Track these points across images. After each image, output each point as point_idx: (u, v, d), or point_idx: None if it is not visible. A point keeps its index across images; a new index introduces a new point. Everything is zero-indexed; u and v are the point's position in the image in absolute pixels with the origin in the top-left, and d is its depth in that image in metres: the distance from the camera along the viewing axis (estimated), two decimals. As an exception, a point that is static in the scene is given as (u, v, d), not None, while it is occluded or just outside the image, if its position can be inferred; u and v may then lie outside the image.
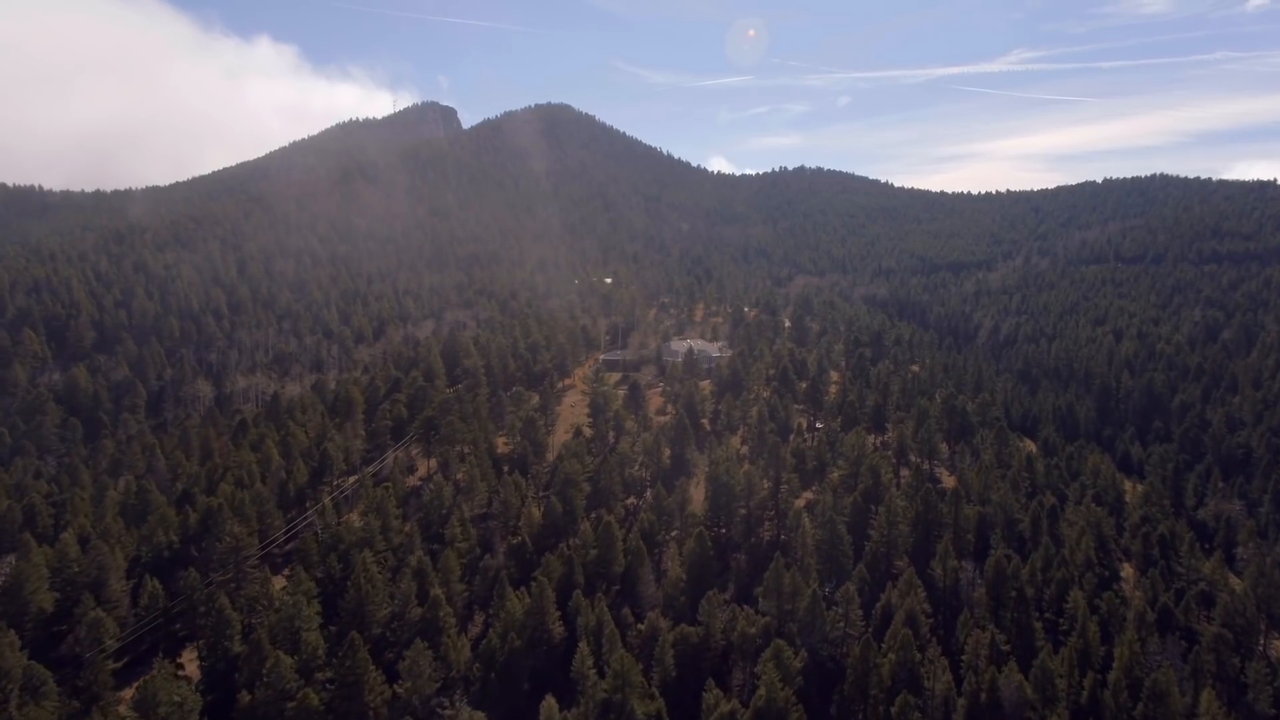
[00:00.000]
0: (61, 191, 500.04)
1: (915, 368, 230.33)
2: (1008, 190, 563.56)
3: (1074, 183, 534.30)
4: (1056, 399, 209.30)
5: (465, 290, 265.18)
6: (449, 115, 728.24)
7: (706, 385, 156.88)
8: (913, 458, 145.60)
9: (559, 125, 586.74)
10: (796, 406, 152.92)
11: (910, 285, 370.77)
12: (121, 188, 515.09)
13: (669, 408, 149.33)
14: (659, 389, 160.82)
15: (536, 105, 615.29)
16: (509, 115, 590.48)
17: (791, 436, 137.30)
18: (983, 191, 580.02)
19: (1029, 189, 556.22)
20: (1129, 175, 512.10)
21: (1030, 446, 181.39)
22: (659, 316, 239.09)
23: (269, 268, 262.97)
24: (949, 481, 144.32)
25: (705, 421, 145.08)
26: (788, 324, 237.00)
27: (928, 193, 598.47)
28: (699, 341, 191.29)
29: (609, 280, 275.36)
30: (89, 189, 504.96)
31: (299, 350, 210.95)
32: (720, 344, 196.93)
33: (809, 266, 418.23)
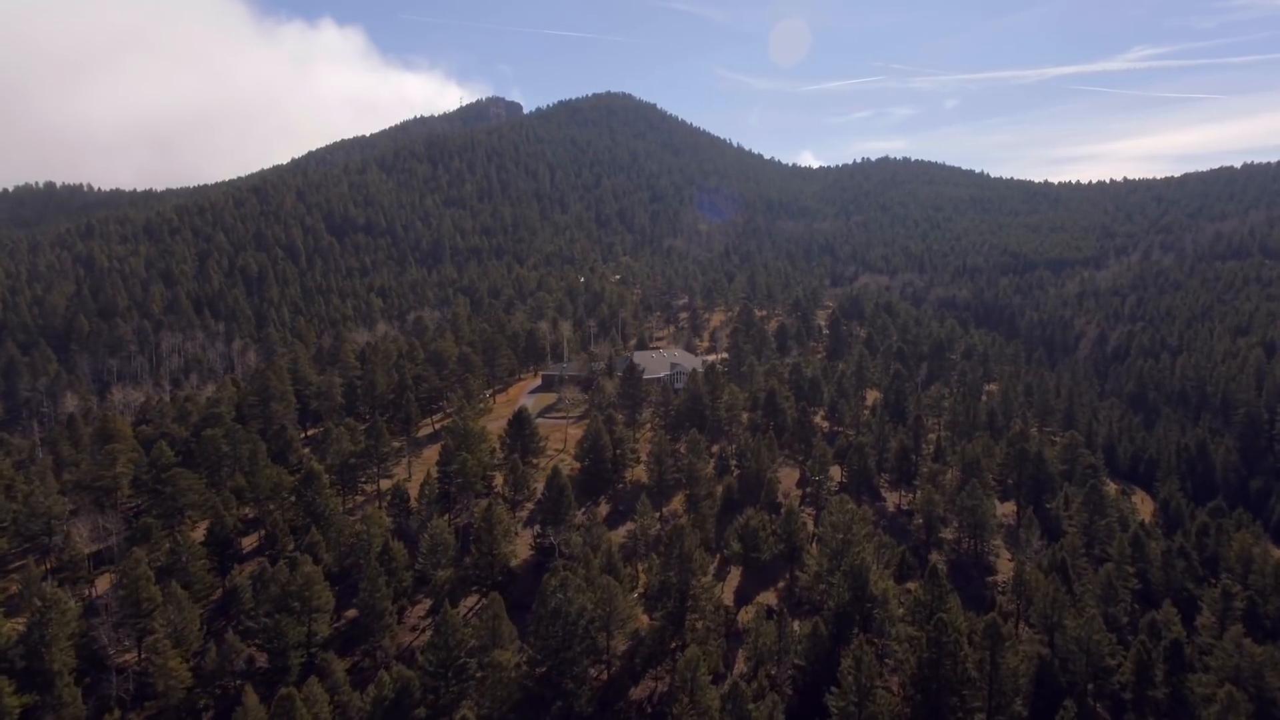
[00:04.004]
0: (110, 190, 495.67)
1: (991, 388, 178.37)
2: (1124, 179, 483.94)
3: (1205, 170, 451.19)
4: (1182, 435, 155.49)
5: (446, 288, 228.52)
6: (513, 109, 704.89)
7: (649, 417, 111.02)
8: (946, 536, 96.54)
9: (614, 114, 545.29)
10: (784, 452, 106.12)
11: (999, 286, 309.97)
12: (175, 186, 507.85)
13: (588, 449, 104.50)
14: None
15: (594, 94, 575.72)
16: (562, 104, 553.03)
17: (757, 499, 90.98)
18: (1094, 181, 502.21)
19: (1150, 177, 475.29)
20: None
21: (1143, 508, 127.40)
22: (662, 320, 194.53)
23: (232, 262, 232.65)
24: (1006, 571, 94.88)
25: (637, 472, 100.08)
26: (826, 331, 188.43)
27: (1029, 183, 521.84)
28: (678, 351, 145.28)
29: (616, 278, 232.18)
30: (142, 188, 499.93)
31: (217, 357, 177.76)
32: (716, 356, 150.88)
33: (879, 264, 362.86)
